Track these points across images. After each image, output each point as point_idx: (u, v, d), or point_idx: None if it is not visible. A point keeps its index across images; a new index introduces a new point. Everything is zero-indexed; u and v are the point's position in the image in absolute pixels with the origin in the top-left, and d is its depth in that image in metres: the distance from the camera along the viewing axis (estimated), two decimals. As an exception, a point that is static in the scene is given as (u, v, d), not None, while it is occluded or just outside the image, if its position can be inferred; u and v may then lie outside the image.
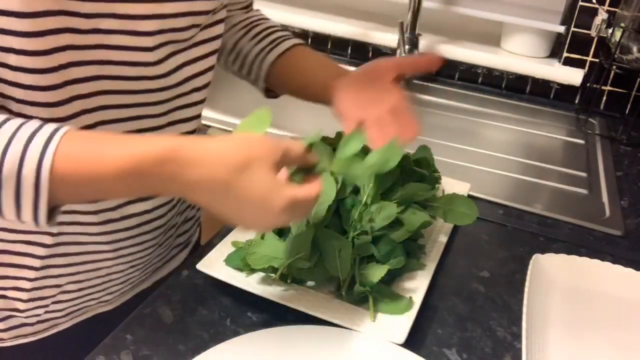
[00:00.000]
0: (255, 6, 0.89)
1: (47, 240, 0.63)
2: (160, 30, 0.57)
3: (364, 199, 0.68)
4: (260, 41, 0.81)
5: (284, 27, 0.86)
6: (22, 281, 0.64)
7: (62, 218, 0.62)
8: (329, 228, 0.66)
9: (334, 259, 0.63)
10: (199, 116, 0.70)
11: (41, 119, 0.51)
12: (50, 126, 0.49)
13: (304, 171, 0.62)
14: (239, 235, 0.71)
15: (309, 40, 1.48)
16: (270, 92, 0.84)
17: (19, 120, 0.49)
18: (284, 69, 0.80)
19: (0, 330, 0.68)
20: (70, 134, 0.48)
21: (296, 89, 0.80)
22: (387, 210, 0.67)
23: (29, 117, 0.52)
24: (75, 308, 0.71)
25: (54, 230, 0.63)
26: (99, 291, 0.71)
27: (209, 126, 1.09)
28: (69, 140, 0.48)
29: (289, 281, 0.65)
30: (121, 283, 0.73)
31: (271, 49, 0.80)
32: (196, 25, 0.62)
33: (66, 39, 0.52)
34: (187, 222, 0.82)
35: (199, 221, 0.87)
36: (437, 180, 0.82)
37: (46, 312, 0.68)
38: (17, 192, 0.47)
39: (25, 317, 0.67)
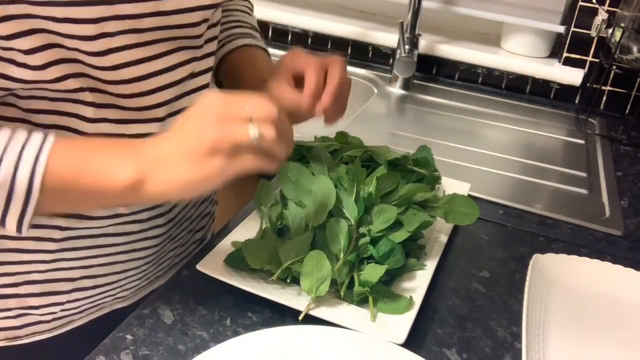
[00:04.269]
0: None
1: (57, 234, 0.63)
2: (162, 27, 0.58)
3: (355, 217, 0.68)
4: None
5: (253, 26, 0.85)
6: (33, 274, 0.65)
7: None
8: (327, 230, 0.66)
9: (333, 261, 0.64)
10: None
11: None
12: (39, 136, 0.52)
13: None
14: (239, 235, 0.71)
15: (309, 40, 1.48)
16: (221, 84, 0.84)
17: (7, 131, 0.52)
18: (230, 65, 0.79)
19: (16, 327, 0.68)
20: (57, 145, 0.52)
21: (235, 87, 0.80)
22: (387, 214, 0.67)
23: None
24: (92, 305, 0.71)
25: (63, 223, 0.63)
26: (115, 288, 0.72)
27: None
28: (55, 151, 0.52)
29: (288, 281, 0.65)
30: (137, 279, 0.73)
31: (223, 45, 0.80)
32: (206, 20, 0.63)
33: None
34: (204, 218, 0.82)
35: (213, 216, 0.87)
36: (437, 180, 0.82)
37: (62, 310, 0.69)
38: (8, 199, 0.51)
39: (41, 315, 0.68)
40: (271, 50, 1.44)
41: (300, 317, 0.61)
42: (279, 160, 0.56)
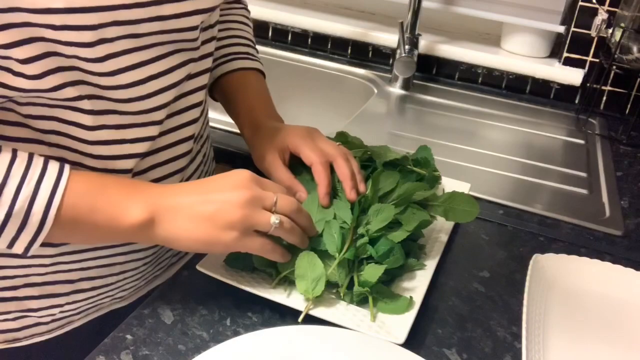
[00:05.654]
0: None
1: None
2: (162, 31, 0.58)
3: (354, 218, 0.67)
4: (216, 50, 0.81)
5: (251, 41, 0.85)
6: (32, 277, 0.65)
7: None
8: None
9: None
10: (201, 103, 0.70)
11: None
12: (55, 168, 0.55)
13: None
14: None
15: (309, 40, 1.48)
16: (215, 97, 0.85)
17: (24, 158, 0.54)
18: (224, 89, 0.81)
19: (15, 330, 0.68)
20: (72, 179, 0.55)
21: (229, 113, 0.81)
22: (385, 213, 0.67)
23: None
24: (90, 305, 0.71)
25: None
26: (114, 289, 0.72)
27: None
28: (71, 186, 0.55)
29: (289, 282, 0.65)
30: (135, 280, 0.73)
31: (219, 65, 0.81)
32: (203, 23, 0.63)
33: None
34: None
35: None
36: (437, 180, 0.82)
37: (61, 311, 0.69)
38: (20, 227, 0.53)
39: (40, 317, 0.68)
40: (271, 50, 1.46)
41: (300, 318, 0.61)
42: (284, 253, 0.62)
